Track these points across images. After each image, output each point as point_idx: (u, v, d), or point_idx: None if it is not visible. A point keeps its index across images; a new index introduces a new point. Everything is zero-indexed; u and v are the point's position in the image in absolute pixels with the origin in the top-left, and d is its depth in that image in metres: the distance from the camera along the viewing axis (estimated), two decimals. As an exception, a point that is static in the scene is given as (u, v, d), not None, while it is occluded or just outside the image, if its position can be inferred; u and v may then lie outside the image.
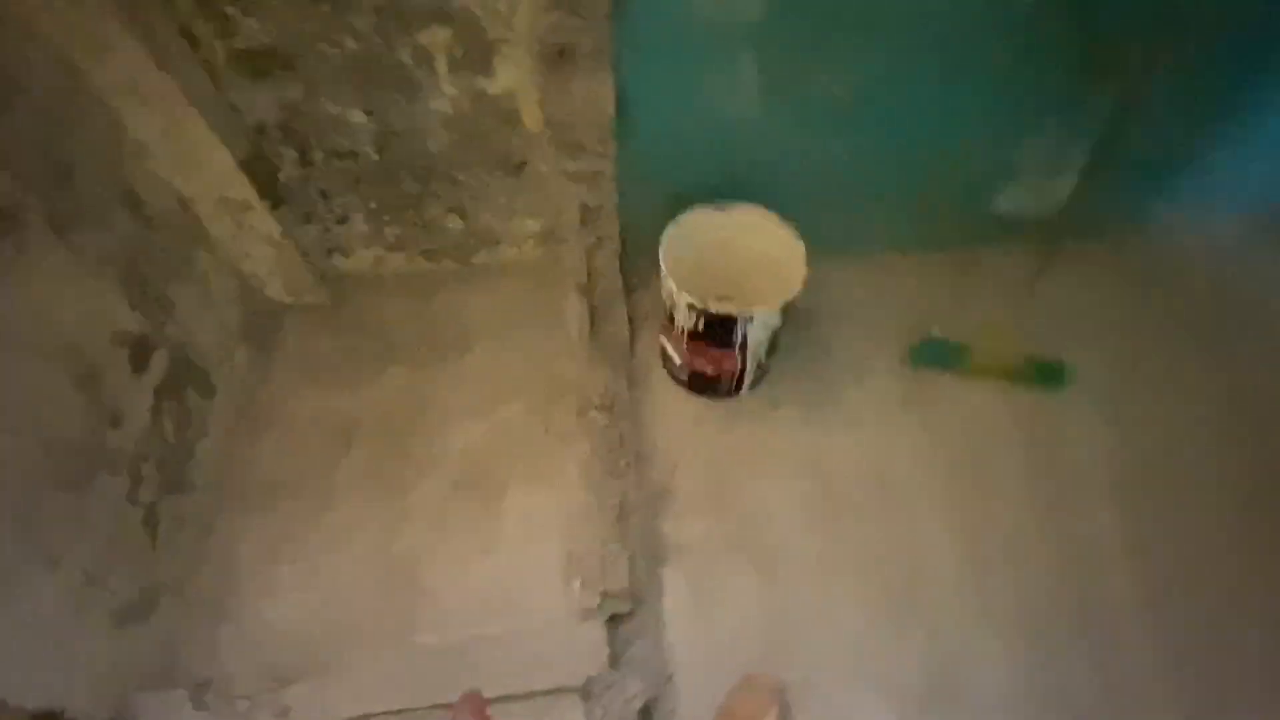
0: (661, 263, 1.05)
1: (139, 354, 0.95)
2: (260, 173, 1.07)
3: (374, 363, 1.23)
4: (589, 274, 1.25)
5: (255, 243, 1.16)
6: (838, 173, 1.19)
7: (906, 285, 1.34)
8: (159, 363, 0.98)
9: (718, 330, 1.05)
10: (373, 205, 1.20)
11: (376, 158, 1.11)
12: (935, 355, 1.26)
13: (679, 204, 1.12)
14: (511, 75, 1.01)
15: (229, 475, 1.09)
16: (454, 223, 1.26)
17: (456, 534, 1.05)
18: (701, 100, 1.06)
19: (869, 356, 1.27)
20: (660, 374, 1.24)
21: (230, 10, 0.91)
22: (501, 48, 0.98)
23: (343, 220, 1.22)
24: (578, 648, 0.88)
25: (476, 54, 0.98)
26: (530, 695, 0.85)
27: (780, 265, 1.09)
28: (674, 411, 1.21)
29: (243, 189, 1.06)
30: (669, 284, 1.04)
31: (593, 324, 1.20)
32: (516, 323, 1.28)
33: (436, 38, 0.95)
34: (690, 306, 1.02)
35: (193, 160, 1.00)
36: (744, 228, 1.14)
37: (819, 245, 1.07)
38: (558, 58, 0.97)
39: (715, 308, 1.02)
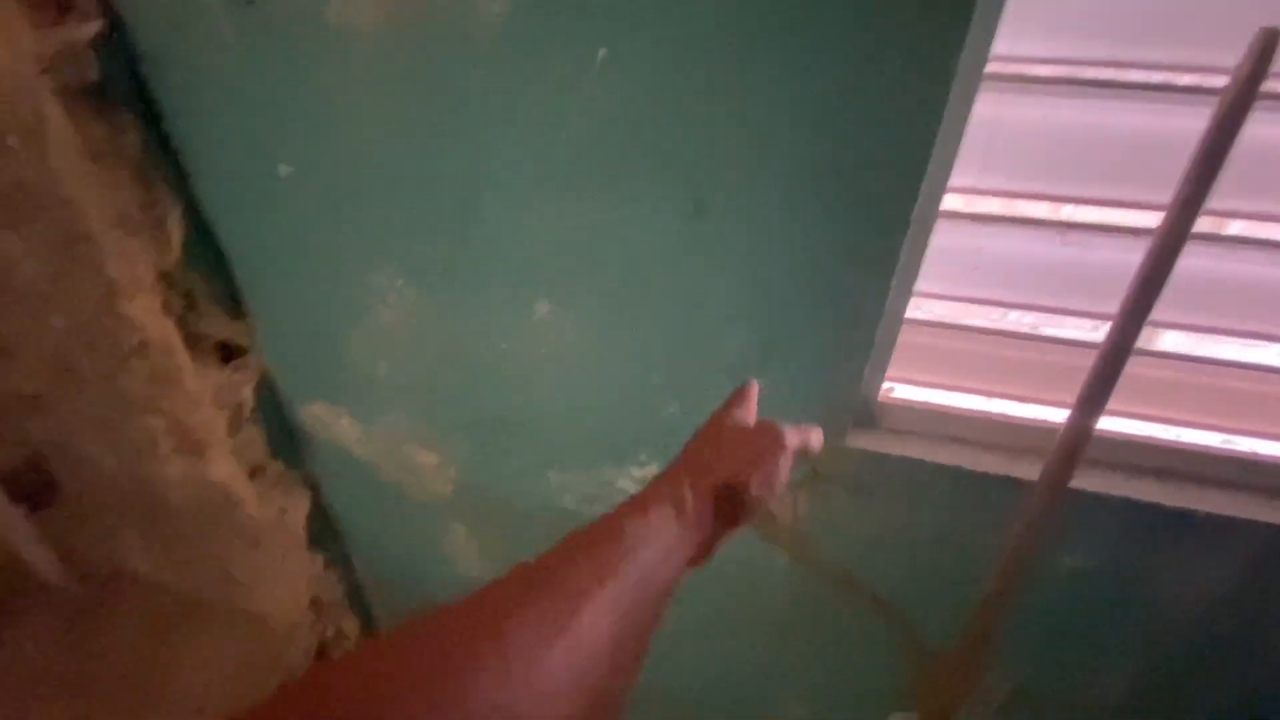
0: None
1: None
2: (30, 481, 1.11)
3: None
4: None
5: (21, 535, 1.17)
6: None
7: None
8: None
9: None
10: (145, 523, 1.17)
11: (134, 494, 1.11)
12: None
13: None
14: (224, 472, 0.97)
15: None
16: (211, 569, 1.18)
17: None
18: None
19: None
20: None
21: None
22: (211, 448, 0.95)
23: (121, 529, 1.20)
24: None
25: (194, 444, 0.96)
26: None
27: None
28: None
29: None
30: None
31: None
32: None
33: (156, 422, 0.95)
34: None
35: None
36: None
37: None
38: (251, 474, 0.91)
39: None
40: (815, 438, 0.45)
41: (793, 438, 0.43)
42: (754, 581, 0.80)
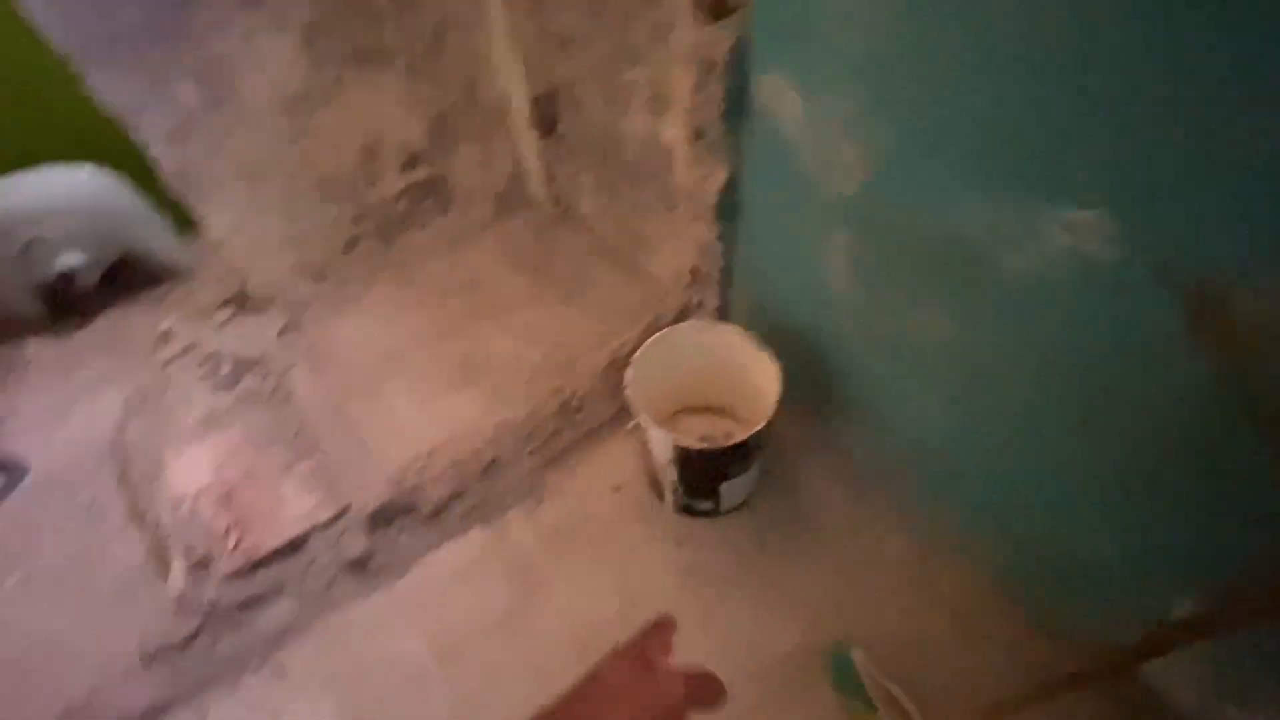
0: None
1: (411, 161, 1.52)
2: (545, 112, 1.49)
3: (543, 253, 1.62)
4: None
5: (531, 153, 1.61)
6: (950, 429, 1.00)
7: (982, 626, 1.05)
8: (420, 174, 1.55)
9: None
10: (596, 174, 1.52)
11: (602, 142, 1.41)
12: (843, 678, 0.99)
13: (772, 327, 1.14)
14: (671, 135, 1.16)
15: (407, 267, 1.65)
16: (633, 222, 1.49)
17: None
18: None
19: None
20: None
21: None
22: (673, 107, 1.13)
23: (580, 172, 1.58)
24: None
25: (659, 103, 1.15)
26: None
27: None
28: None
29: (527, 110, 1.50)
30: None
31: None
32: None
33: (640, 75, 1.16)
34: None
35: (510, 74, 1.47)
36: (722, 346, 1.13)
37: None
38: (695, 139, 1.08)
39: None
40: None
41: None
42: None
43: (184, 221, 1.66)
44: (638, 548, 1.19)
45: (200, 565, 1.11)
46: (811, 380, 1.16)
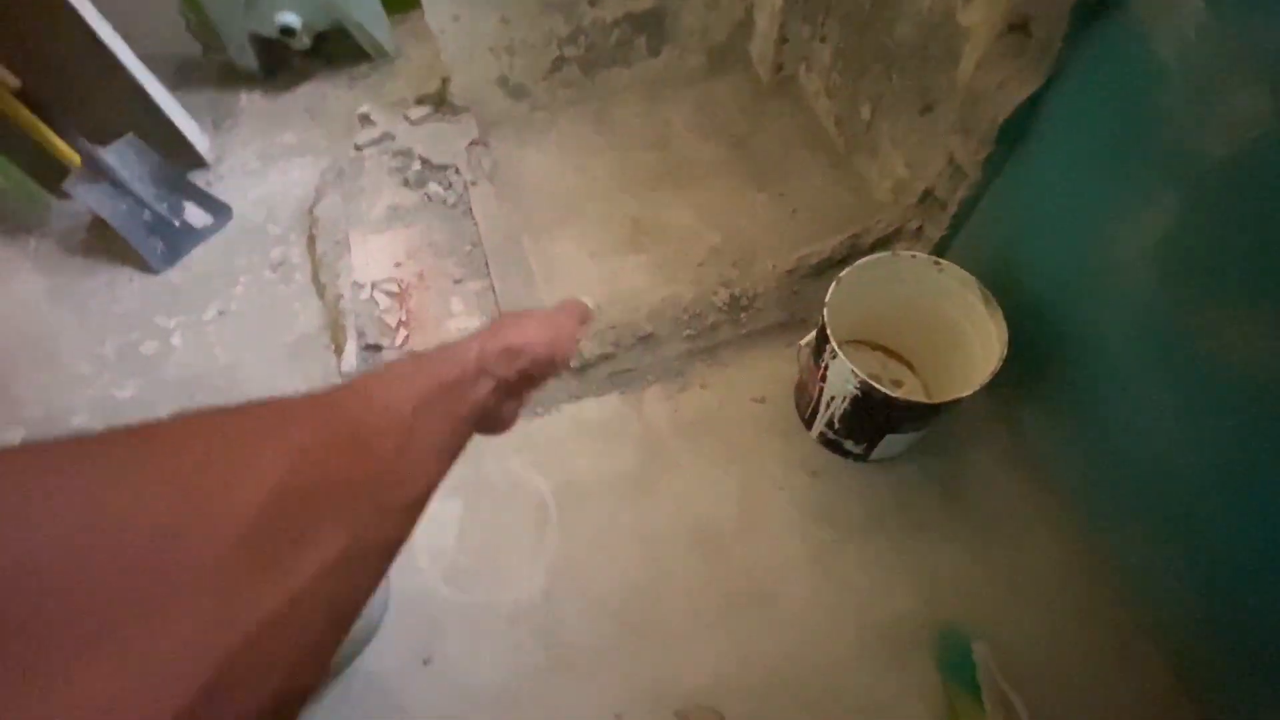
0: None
1: None
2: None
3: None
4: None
5: (763, 13, 1.40)
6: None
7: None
8: (645, 2, 1.39)
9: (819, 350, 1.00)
10: (840, 47, 1.30)
11: (868, 9, 1.19)
12: (954, 663, 0.95)
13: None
14: (975, 18, 0.94)
15: (603, 107, 1.55)
16: (865, 114, 1.29)
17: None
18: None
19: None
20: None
21: None
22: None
23: (821, 39, 1.36)
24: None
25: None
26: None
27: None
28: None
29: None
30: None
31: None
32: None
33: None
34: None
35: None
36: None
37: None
38: (1007, 31, 0.87)
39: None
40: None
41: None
42: None
43: (401, 1, 1.61)
44: (770, 465, 1.15)
45: (371, 349, 1.18)
46: (1029, 355, 1.01)
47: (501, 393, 0.36)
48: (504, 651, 1.01)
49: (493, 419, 0.37)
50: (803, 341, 1.09)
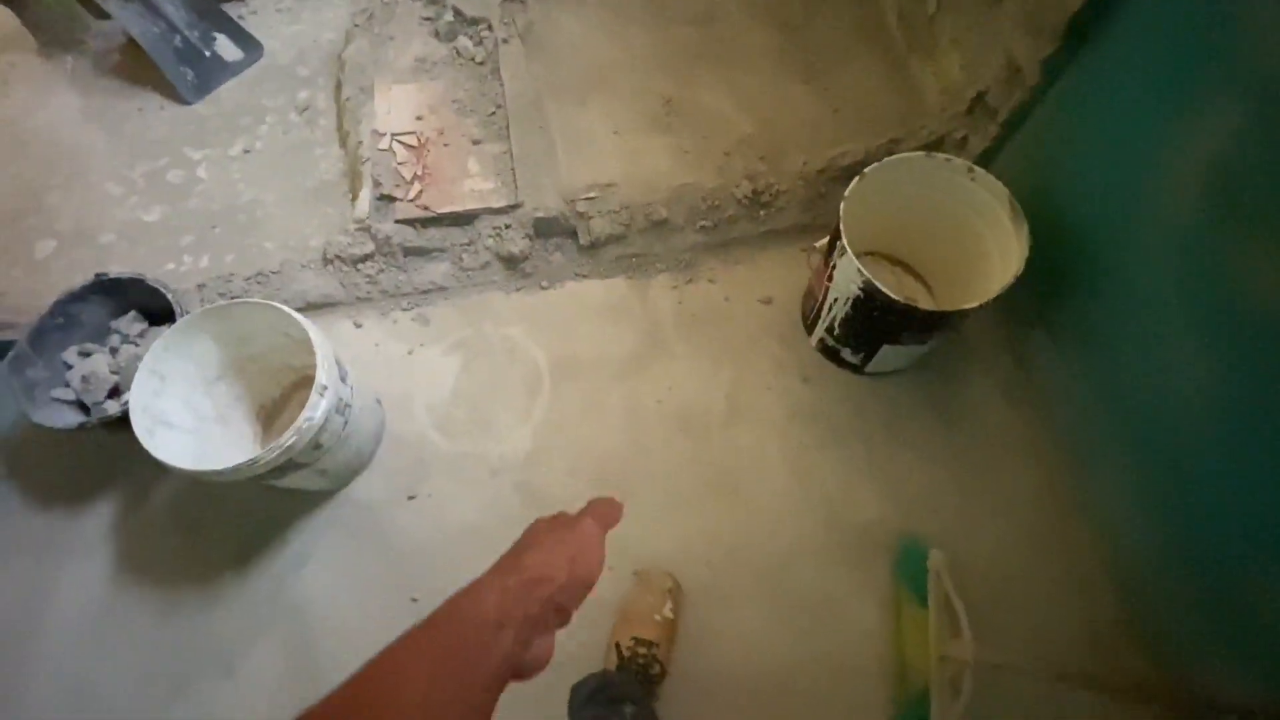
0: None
1: None
2: None
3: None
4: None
5: None
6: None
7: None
8: None
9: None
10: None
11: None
12: (908, 567, 0.97)
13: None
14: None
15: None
16: (931, 6, 1.18)
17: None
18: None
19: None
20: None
21: None
22: None
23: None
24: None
25: None
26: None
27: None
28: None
29: None
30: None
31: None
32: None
33: None
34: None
35: None
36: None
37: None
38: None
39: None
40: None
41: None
42: None
43: None
44: (764, 365, 1.15)
45: (384, 199, 1.18)
46: (1047, 279, 0.96)
47: (527, 633, 0.34)
48: (483, 498, 1.07)
49: (522, 666, 0.34)
50: (817, 244, 1.06)
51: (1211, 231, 0.73)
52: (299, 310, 1.17)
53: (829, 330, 1.06)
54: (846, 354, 1.08)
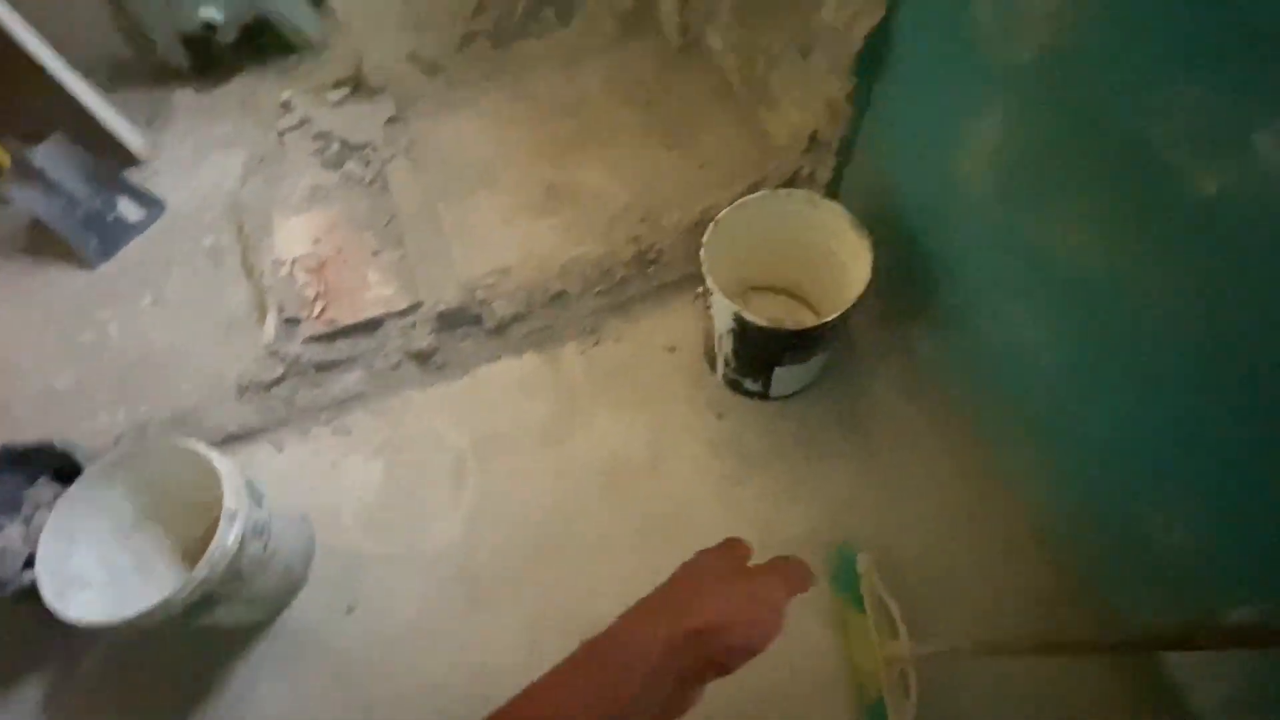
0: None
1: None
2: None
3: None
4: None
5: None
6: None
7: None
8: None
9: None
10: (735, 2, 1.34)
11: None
12: (840, 574, 0.99)
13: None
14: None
15: (517, 77, 1.58)
16: (760, 67, 1.33)
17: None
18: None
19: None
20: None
21: None
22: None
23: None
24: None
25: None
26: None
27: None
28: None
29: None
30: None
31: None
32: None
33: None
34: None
35: None
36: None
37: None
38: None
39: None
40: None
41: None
42: None
43: (314, -11, 1.64)
44: (679, 408, 1.19)
45: (290, 323, 1.23)
46: (907, 280, 1.05)
47: (680, 684, 0.31)
48: (424, 594, 1.06)
49: (666, 713, 0.32)
50: (699, 290, 1.13)
51: (1005, 207, 0.83)
52: (219, 444, 1.20)
53: (727, 364, 1.12)
54: (748, 383, 1.14)
